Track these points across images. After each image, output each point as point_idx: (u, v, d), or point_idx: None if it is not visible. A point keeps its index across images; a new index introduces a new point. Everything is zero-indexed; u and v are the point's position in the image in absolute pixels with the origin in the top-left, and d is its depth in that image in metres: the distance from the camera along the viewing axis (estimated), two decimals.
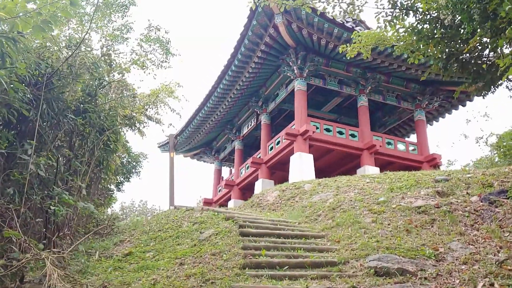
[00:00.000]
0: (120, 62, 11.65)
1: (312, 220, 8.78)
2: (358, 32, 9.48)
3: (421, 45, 8.38)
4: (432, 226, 7.34)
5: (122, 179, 22.09)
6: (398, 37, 8.44)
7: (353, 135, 17.77)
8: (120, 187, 23.31)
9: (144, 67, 11.81)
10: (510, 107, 48.43)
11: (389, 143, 18.52)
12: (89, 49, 9.94)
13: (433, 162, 18.33)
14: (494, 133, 21.33)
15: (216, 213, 9.16)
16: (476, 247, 6.12)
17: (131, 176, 21.99)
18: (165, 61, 11.94)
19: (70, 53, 9.13)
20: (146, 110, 14.72)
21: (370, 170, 16.81)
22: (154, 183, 63.40)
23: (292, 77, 17.82)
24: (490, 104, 39.81)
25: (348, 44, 9.46)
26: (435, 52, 8.39)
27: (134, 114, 13.34)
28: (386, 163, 18.43)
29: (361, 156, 17.42)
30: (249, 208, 11.56)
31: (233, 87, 19.26)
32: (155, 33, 11.14)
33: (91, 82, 10.67)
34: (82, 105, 10.52)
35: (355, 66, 18.28)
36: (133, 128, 16.76)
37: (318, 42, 16.42)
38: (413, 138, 23.01)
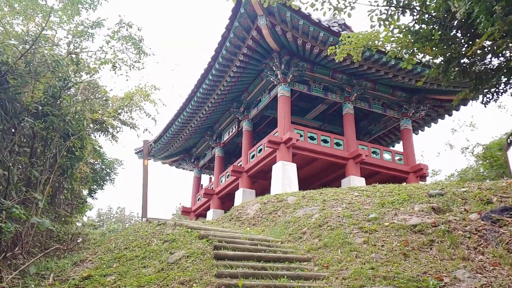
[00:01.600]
0: (89, 62, 10.66)
1: (296, 239, 7.92)
2: (347, 34, 8.73)
3: (417, 47, 7.65)
4: (431, 249, 6.56)
5: (95, 186, 20.97)
6: (392, 38, 7.68)
7: (338, 144, 17.04)
8: (93, 195, 22.16)
9: (115, 68, 10.85)
10: (496, 117, 48.70)
11: (374, 153, 17.86)
12: (49, 44, 8.93)
13: (420, 172, 17.73)
14: (480, 143, 21.00)
15: (189, 230, 8.22)
16: (485, 277, 5.34)
17: (104, 184, 20.86)
18: (138, 61, 11.03)
19: (27, 48, 8.13)
20: (119, 114, 13.73)
21: (355, 180, 16.10)
22: (132, 190, 61.77)
23: (275, 83, 17.02)
24: (476, 114, 39.81)
25: (337, 46, 8.68)
26: (433, 55, 7.68)
27: (105, 118, 12.32)
28: (372, 173, 17.77)
29: (346, 165, 16.69)
30: (228, 222, 10.65)
31: (213, 92, 18.37)
32: (127, 30, 10.20)
33: (55, 83, 9.64)
34: (43, 108, 9.47)
35: (341, 72, 17.61)
36: (106, 133, 15.74)
37: (303, 46, 15.68)
38: (398, 147, 22.50)
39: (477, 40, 6.75)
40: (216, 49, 16.38)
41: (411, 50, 8.23)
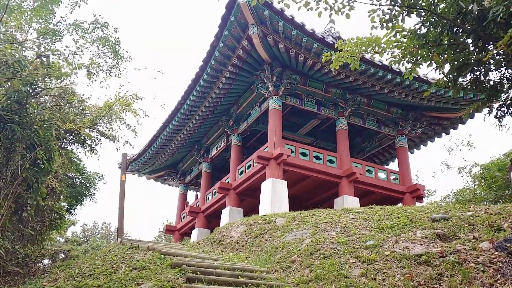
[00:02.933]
0: (62, 65, 9.71)
1: (284, 268, 6.94)
2: (344, 41, 7.92)
3: (423, 54, 6.85)
4: (440, 284, 5.63)
5: (74, 202, 19.84)
6: (395, 43, 6.87)
7: (331, 161, 16.15)
8: (72, 210, 21.00)
9: (90, 73, 9.92)
10: (494, 137, 48.22)
11: (369, 171, 16.98)
12: (12, 43, 8.00)
13: (416, 193, 16.87)
14: (478, 163, 20.23)
15: (162, 256, 7.21)
16: None
17: (83, 199, 19.75)
18: (116, 67, 10.10)
19: None
20: (96, 124, 12.74)
21: (349, 200, 15.18)
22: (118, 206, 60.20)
23: (266, 95, 16.18)
24: (474, 133, 39.20)
25: (332, 53, 7.86)
26: (440, 63, 6.87)
27: (79, 129, 11.32)
28: (366, 193, 16.88)
29: (339, 184, 15.77)
30: (209, 246, 9.64)
31: (201, 104, 17.48)
32: (102, 31, 9.28)
33: (20, 87, 8.69)
34: (5, 114, 8.51)
35: (335, 86, 16.84)
36: (83, 145, 14.72)
37: (295, 58, 14.91)
38: (392, 166, 21.66)
39: (492, 45, 5.96)
40: (204, 58, 15.55)
41: (415, 58, 7.43)
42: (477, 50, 6.37)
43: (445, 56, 6.61)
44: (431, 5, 6.23)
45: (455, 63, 6.68)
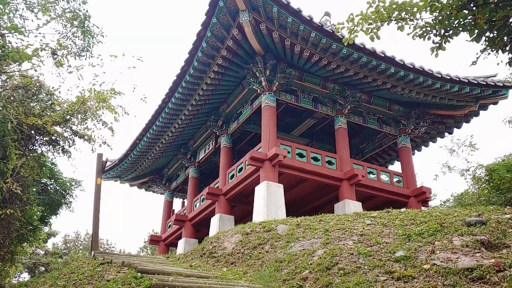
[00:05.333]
0: (20, 46, 8.14)
1: None
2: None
3: (463, 16, 5.51)
4: None
5: (48, 210, 18.07)
6: (431, 2, 5.51)
7: (330, 162, 14.77)
8: (46, 220, 19.20)
9: (55, 56, 8.38)
10: (494, 139, 47.39)
11: (371, 173, 15.65)
12: None
13: (422, 196, 15.58)
14: (482, 165, 19.06)
15: (139, 274, 5.68)
16: None
17: (58, 208, 17.98)
18: (87, 49, 8.58)
19: None
20: (67, 121, 11.15)
21: (351, 205, 13.79)
22: (102, 213, 57.99)
23: (259, 91, 14.76)
24: (476, 134, 38.20)
25: (347, 21, 6.48)
26: (484, 27, 5.54)
27: (45, 124, 9.73)
28: (367, 197, 15.57)
29: (340, 187, 14.38)
30: (199, 259, 8.11)
31: (187, 102, 15.98)
32: (68, 2, 7.75)
33: None
34: None
35: (333, 81, 15.52)
36: (55, 146, 13.08)
37: (291, 49, 13.56)
38: (392, 168, 20.36)
39: None
40: (190, 50, 14.09)
41: (449, 27, 6.09)
42: None
43: (495, 14, 5.28)
44: None
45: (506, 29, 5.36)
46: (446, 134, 18.58)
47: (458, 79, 15.16)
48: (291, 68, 14.85)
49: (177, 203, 23.48)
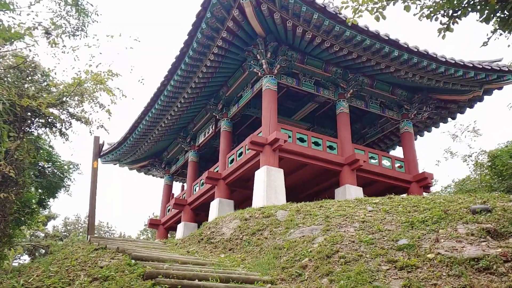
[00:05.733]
0: (12, 25, 7.85)
1: (294, 277, 5.31)
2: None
3: None
4: None
5: (46, 193, 17.93)
6: None
7: (331, 147, 14.55)
8: (44, 203, 19.10)
9: (48, 35, 8.10)
10: (500, 123, 46.99)
11: (372, 158, 15.44)
12: None
13: (424, 182, 15.41)
14: (485, 150, 18.85)
15: (133, 261, 5.52)
16: None
17: (56, 191, 17.83)
18: (82, 29, 8.29)
19: None
20: (63, 103, 10.89)
21: (352, 190, 13.63)
22: (102, 197, 58.16)
23: (259, 74, 14.46)
24: (480, 118, 37.82)
25: (350, 0, 6.19)
26: (497, 6, 5.27)
27: (39, 106, 9.49)
28: (368, 182, 15.36)
29: (341, 172, 14.19)
30: (196, 245, 7.96)
31: (187, 85, 15.69)
32: None
33: None
34: None
35: (335, 64, 15.20)
36: (52, 129, 12.87)
37: (293, 31, 13.22)
38: (394, 153, 20.14)
39: None
40: (189, 32, 13.75)
41: (458, 7, 5.82)
42: None
43: None
44: None
45: None
46: (449, 119, 18.32)
47: (462, 63, 14.83)
48: (292, 51, 14.52)
49: (176, 187, 23.38)
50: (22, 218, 17.36)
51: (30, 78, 10.47)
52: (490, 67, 15.37)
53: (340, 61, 14.81)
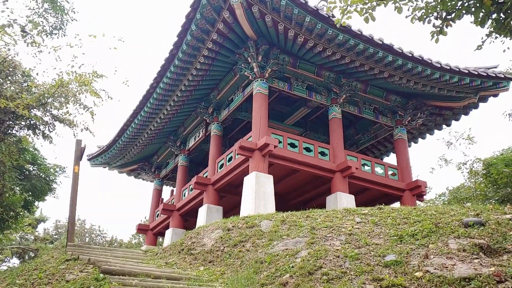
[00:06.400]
0: None
1: None
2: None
3: None
4: None
5: (31, 197, 17.53)
6: None
7: (323, 153, 14.22)
8: (30, 207, 18.68)
9: (25, 34, 7.74)
10: (496, 131, 46.79)
11: (365, 165, 15.12)
12: None
13: (417, 190, 15.07)
14: (480, 158, 18.59)
15: (102, 275, 5.14)
16: None
17: (42, 194, 17.43)
18: (61, 28, 7.93)
19: None
20: (43, 105, 10.53)
21: (343, 198, 13.29)
22: (94, 201, 57.57)
23: (250, 77, 14.14)
24: (475, 126, 37.60)
25: (338, 0, 5.87)
26: (491, 9, 4.96)
27: (16, 107, 9.12)
28: (361, 190, 15.03)
29: (332, 179, 13.85)
30: (176, 255, 7.58)
31: (176, 88, 15.33)
32: None
33: None
34: None
35: (328, 69, 14.90)
36: (35, 131, 12.51)
37: (284, 34, 12.90)
38: (388, 160, 19.85)
39: None
40: (179, 33, 13.41)
41: (451, 9, 5.51)
42: None
43: None
44: None
45: None
46: (444, 126, 18.05)
47: (458, 70, 14.56)
48: (284, 54, 14.21)
49: (167, 192, 22.99)
50: (6, 222, 16.90)
51: (9, 78, 10.11)
52: (485, 74, 15.12)
53: (333, 66, 14.50)
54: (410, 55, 13.72)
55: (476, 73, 14.92)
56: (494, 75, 15.26)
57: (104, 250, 8.20)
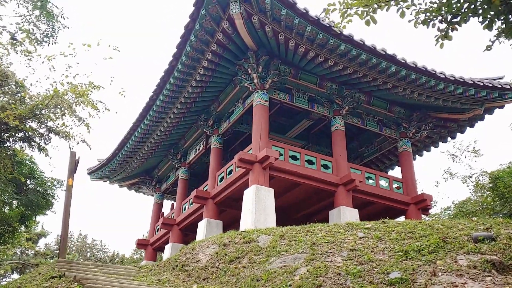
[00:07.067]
0: None
1: None
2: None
3: None
4: None
5: (28, 211, 17.21)
6: None
7: (326, 166, 13.86)
8: (27, 222, 18.34)
9: (14, 42, 7.53)
10: (502, 143, 46.19)
11: (369, 178, 14.74)
12: None
13: (422, 204, 14.65)
14: (486, 171, 18.15)
15: None
16: None
17: (40, 209, 17.11)
18: (52, 35, 7.72)
19: None
20: (36, 116, 10.29)
21: (347, 212, 12.90)
22: (95, 215, 57.16)
23: (251, 89, 13.89)
24: (481, 138, 37.04)
25: (338, 3, 5.61)
26: (501, 9, 4.67)
27: (7, 118, 8.87)
28: (364, 203, 14.62)
29: (335, 193, 13.46)
30: (170, 272, 7.22)
31: (176, 100, 15.09)
32: None
33: None
34: None
35: (330, 80, 14.63)
36: (30, 143, 12.25)
37: (285, 44, 12.69)
38: (393, 173, 19.43)
39: None
40: (178, 44, 13.23)
41: (457, 11, 5.23)
42: None
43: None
44: None
45: None
46: (449, 138, 17.68)
47: (462, 80, 14.26)
48: (285, 65, 13.97)
49: (167, 206, 22.60)
50: (3, 237, 16.57)
51: (1, 89, 9.89)
52: (491, 85, 14.81)
53: (335, 76, 14.24)
54: (414, 65, 13.45)
55: (481, 84, 14.61)
56: (500, 86, 14.94)
57: (94, 267, 7.85)
